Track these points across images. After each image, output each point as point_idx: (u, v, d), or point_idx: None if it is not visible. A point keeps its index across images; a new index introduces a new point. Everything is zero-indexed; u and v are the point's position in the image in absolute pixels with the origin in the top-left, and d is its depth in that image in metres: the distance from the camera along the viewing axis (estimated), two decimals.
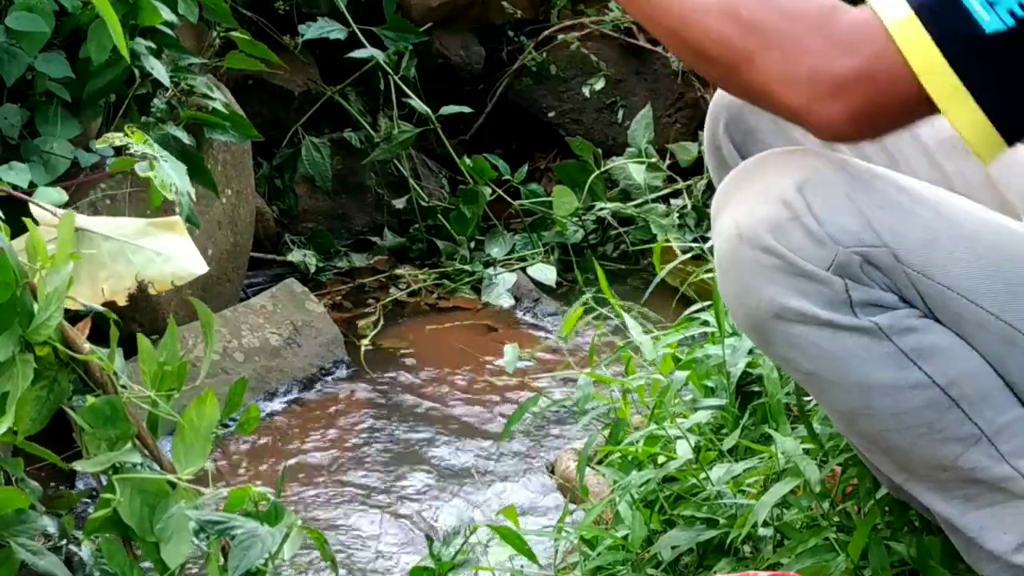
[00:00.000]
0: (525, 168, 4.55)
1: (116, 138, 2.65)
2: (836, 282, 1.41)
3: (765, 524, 1.81)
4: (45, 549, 1.61)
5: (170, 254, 1.77)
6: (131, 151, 2.71)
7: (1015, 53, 1.24)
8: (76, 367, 1.58)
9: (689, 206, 4.26)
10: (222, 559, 1.60)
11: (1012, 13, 1.21)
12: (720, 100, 1.81)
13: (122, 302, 1.75)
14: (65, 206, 2.69)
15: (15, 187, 2.77)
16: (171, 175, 2.76)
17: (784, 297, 1.42)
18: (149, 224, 1.81)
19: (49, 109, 3.10)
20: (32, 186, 2.87)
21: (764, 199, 1.43)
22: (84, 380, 1.59)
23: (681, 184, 4.33)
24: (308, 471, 3.15)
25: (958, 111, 1.27)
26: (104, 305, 1.68)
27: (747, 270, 1.42)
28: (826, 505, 1.79)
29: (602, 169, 4.39)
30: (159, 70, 3.14)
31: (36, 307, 1.53)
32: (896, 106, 1.30)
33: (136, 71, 3.15)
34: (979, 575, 1.56)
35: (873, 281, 1.42)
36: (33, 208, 1.78)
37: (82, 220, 1.77)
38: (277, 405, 3.41)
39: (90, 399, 1.56)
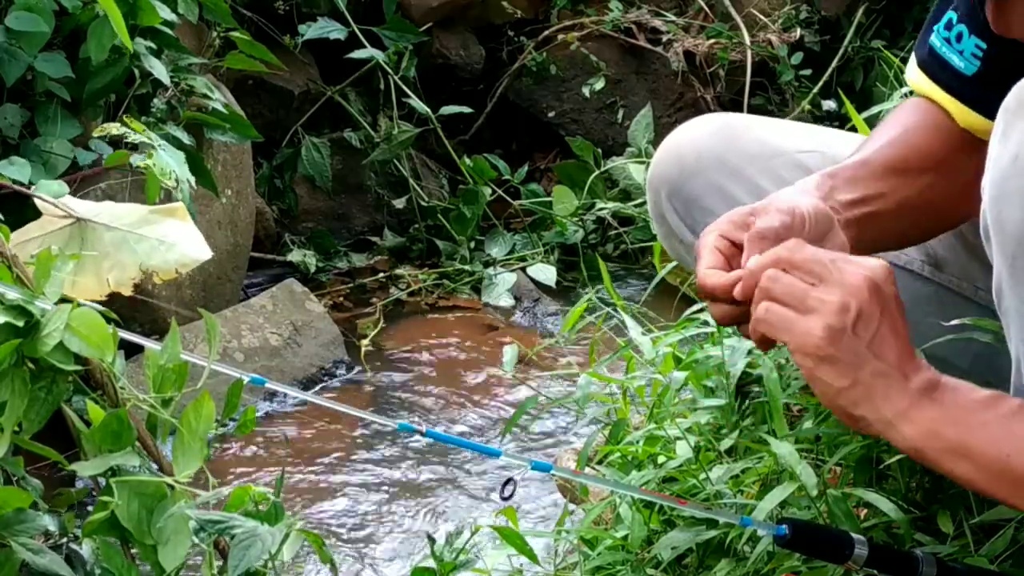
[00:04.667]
0: (525, 168, 4.55)
1: (113, 127, 2.65)
2: None
3: None
4: (46, 547, 1.61)
5: (173, 241, 1.75)
6: (128, 140, 2.71)
7: (985, 80, 1.63)
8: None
9: None
10: (219, 559, 1.60)
11: (974, 55, 1.63)
12: (656, 173, 1.86)
13: (127, 292, 1.74)
14: None
15: (16, 182, 2.77)
16: (169, 162, 2.76)
17: None
18: (151, 212, 1.79)
19: (49, 109, 3.10)
20: (32, 185, 2.87)
21: None
22: (83, 381, 1.59)
23: None
24: (308, 471, 3.15)
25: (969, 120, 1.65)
26: (105, 305, 1.67)
27: None
28: (824, 506, 1.79)
29: (602, 169, 4.40)
30: (159, 70, 3.14)
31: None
32: None
33: (136, 71, 3.15)
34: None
35: None
36: (36, 201, 1.77)
37: (83, 210, 1.76)
38: (277, 406, 3.41)
39: (90, 403, 1.56)
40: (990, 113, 1.53)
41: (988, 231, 1.38)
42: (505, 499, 1.56)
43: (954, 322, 1.57)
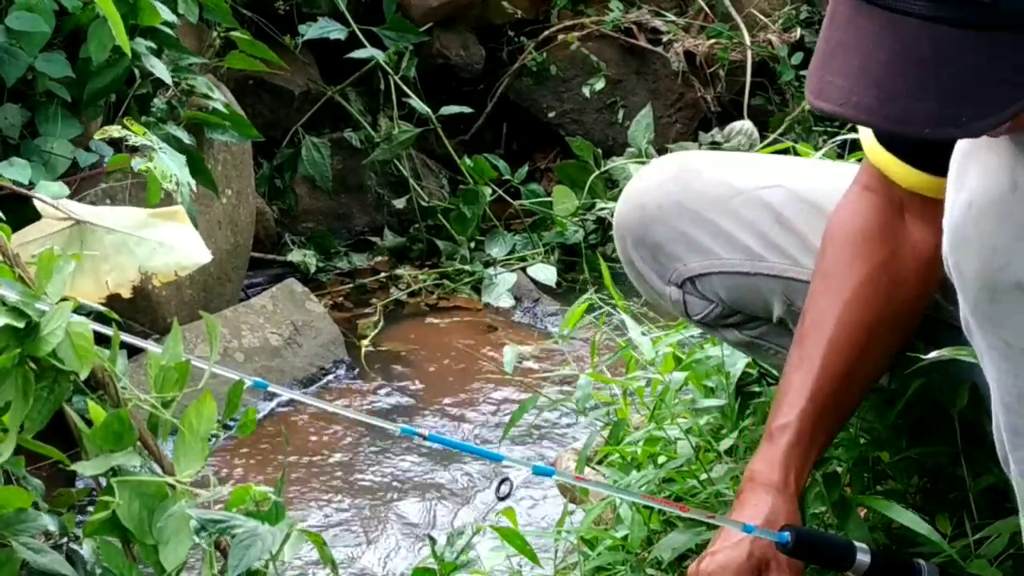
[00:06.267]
0: (525, 168, 4.55)
1: (115, 130, 2.65)
2: None
3: None
4: (47, 547, 1.61)
5: (173, 244, 1.76)
6: (129, 143, 2.71)
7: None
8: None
9: None
10: (220, 558, 1.60)
11: None
12: (620, 222, 1.88)
13: (126, 294, 1.74)
14: None
15: (16, 183, 2.77)
16: (170, 166, 2.76)
17: None
18: (151, 215, 1.80)
19: (49, 109, 3.10)
20: (32, 185, 2.87)
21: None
22: (85, 381, 1.59)
23: None
24: (308, 472, 3.15)
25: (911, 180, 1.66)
26: (105, 305, 1.68)
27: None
28: (824, 507, 1.79)
29: (602, 169, 4.40)
30: (160, 70, 3.15)
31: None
32: None
33: (136, 71, 3.15)
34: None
35: None
36: (36, 203, 1.77)
37: (83, 212, 1.77)
38: (277, 406, 3.41)
39: (91, 403, 1.56)
40: (930, 166, 1.61)
41: (950, 271, 1.39)
42: (501, 498, 1.56)
43: (932, 354, 1.57)
